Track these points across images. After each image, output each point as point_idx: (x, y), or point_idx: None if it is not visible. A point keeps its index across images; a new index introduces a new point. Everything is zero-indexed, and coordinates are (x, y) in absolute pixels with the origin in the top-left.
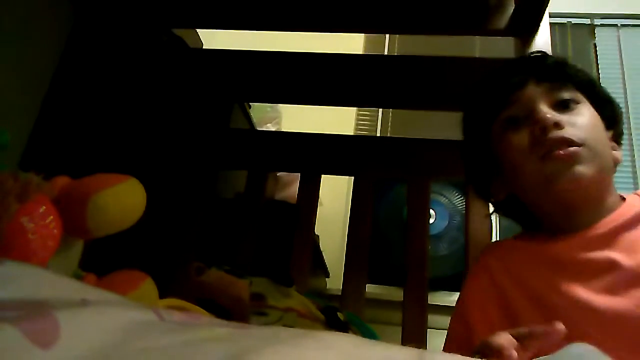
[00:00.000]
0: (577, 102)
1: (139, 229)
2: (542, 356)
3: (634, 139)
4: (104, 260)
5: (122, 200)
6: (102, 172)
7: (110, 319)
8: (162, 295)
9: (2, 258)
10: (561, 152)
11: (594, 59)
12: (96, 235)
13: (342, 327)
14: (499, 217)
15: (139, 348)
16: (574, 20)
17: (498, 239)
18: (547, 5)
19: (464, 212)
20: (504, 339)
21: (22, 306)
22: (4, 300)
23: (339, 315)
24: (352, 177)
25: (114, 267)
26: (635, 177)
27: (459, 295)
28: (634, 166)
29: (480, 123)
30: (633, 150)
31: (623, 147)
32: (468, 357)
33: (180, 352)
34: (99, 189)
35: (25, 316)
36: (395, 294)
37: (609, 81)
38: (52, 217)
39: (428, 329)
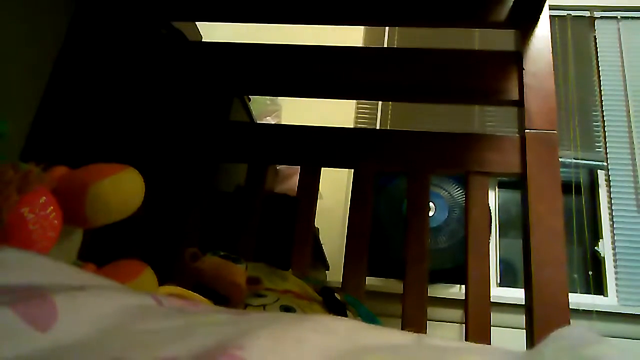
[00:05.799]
0: None
1: (140, 222)
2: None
3: (634, 133)
4: (105, 250)
5: (121, 189)
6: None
7: (109, 303)
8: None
9: (2, 245)
10: None
11: (594, 52)
12: (95, 224)
13: (340, 307)
14: (499, 210)
15: (136, 330)
16: (574, 13)
17: (497, 231)
18: None
19: (464, 204)
20: None
21: (21, 290)
22: (2, 285)
23: (337, 295)
24: (352, 170)
25: (114, 258)
26: (635, 176)
27: None
28: (634, 164)
29: None
30: (633, 145)
31: (623, 141)
32: (466, 342)
33: (178, 335)
34: (97, 178)
35: (23, 299)
36: (395, 286)
37: (608, 73)
38: (52, 207)
39: (428, 321)
